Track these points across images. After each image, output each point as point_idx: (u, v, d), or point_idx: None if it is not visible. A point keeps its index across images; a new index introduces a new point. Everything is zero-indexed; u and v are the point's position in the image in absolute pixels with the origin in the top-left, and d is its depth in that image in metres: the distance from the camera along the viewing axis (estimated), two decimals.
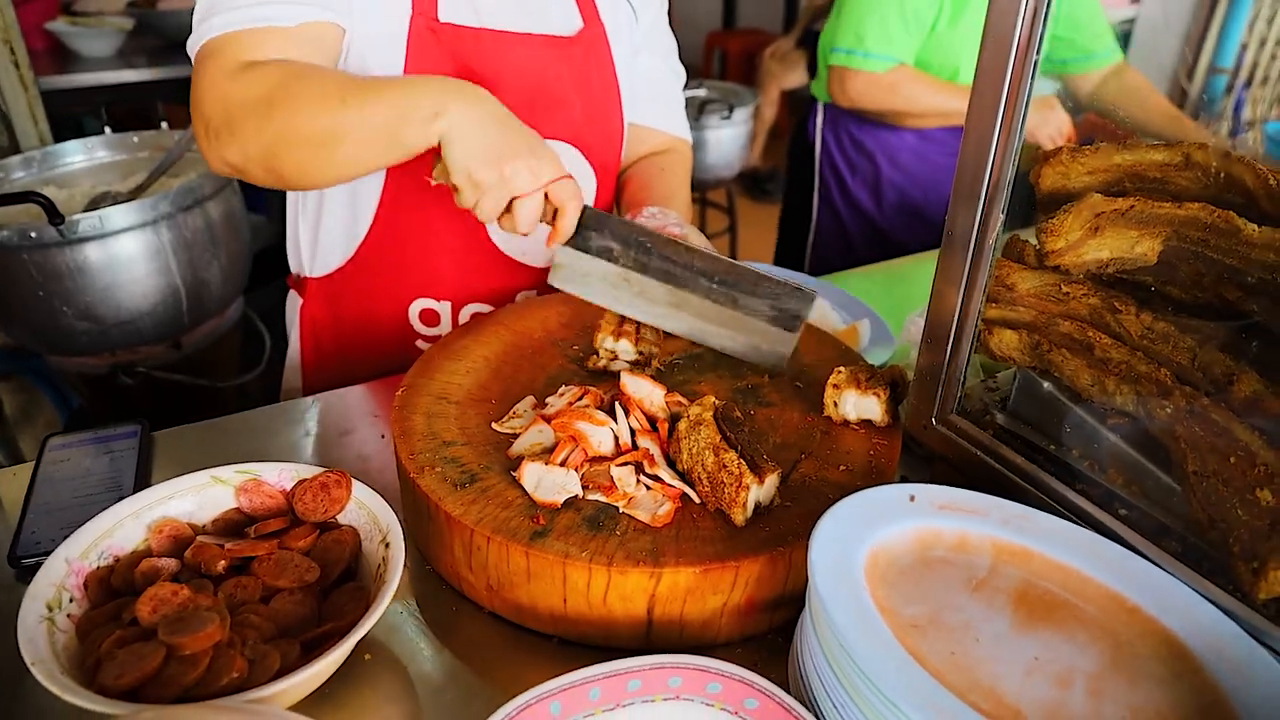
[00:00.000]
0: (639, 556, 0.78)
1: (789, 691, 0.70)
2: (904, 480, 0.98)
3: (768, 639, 0.85)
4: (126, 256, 1.76)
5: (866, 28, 2.08)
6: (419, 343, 1.39)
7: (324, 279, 1.38)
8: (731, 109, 3.75)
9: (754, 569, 0.79)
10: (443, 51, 1.20)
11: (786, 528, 0.83)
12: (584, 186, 1.36)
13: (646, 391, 0.98)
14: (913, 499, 0.80)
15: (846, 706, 0.65)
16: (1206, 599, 0.73)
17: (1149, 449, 0.83)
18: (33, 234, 1.64)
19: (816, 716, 0.69)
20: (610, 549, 0.79)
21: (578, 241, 1.07)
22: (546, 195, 1.03)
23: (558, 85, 1.30)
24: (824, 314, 1.37)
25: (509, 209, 1.02)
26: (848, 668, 0.64)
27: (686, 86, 1.57)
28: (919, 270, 1.81)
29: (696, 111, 3.67)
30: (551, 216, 1.05)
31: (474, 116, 0.99)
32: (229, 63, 1.05)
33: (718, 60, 6.90)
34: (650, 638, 0.81)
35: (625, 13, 1.39)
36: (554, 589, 0.80)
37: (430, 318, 1.37)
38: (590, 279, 1.09)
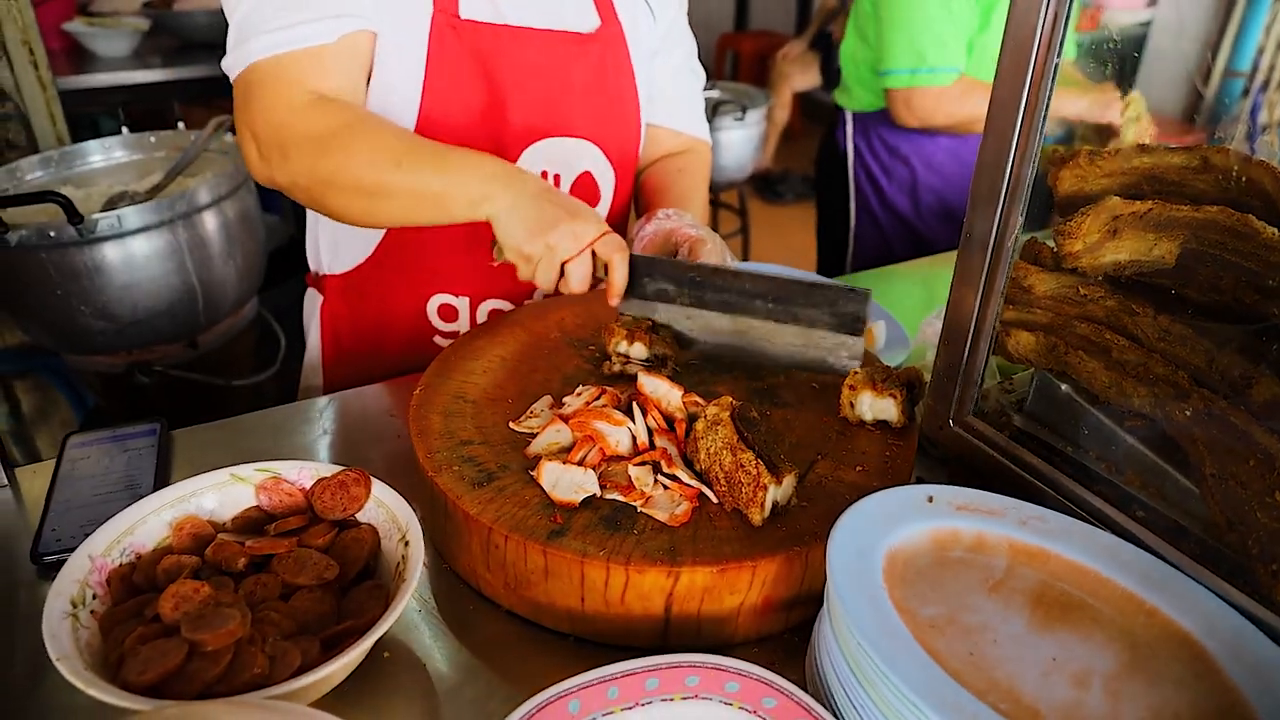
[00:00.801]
0: (656, 556, 0.79)
1: (806, 691, 0.70)
2: (920, 481, 0.98)
3: (784, 638, 0.85)
4: (143, 256, 1.77)
5: (925, 44, 2.04)
6: (437, 338, 1.39)
7: (344, 276, 1.39)
8: (744, 110, 3.75)
9: (771, 568, 0.79)
10: (463, 48, 1.20)
11: (803, 527, 0.83)
12: (603, 182, 1.37)
13: (664, 391, 0.98)
14: (930, 500, 0.80)
15: (865, 706, 0.65)
16: (1225, 600, 0.72)
17: (1166, 451, 0.83)
18: (51, 233, 1.65)
19: (834, 715, 0.69)
20: (628, 548, 0.79)
21: (633, 289, 1.12)
22: (594, 253, 1.08)
23: (576, 81, 1.30)
24: None
25: (563, 274, 1.08)
26: (866, 667, 0.64)
27: None
28: (935, 272, 1.81)
29: (709, 113, 3.66)
30: (603, 271, 1.10)
31: (516, 199, 1.05)
32: (290, 93, 1.09)
33: (730, 62, 6.90)
34: (667, 637, 0.82)
35: (643, 12, 1.39)
36: (571, 588, 0.80)
37: (449, 313, 1.38)
38: None
